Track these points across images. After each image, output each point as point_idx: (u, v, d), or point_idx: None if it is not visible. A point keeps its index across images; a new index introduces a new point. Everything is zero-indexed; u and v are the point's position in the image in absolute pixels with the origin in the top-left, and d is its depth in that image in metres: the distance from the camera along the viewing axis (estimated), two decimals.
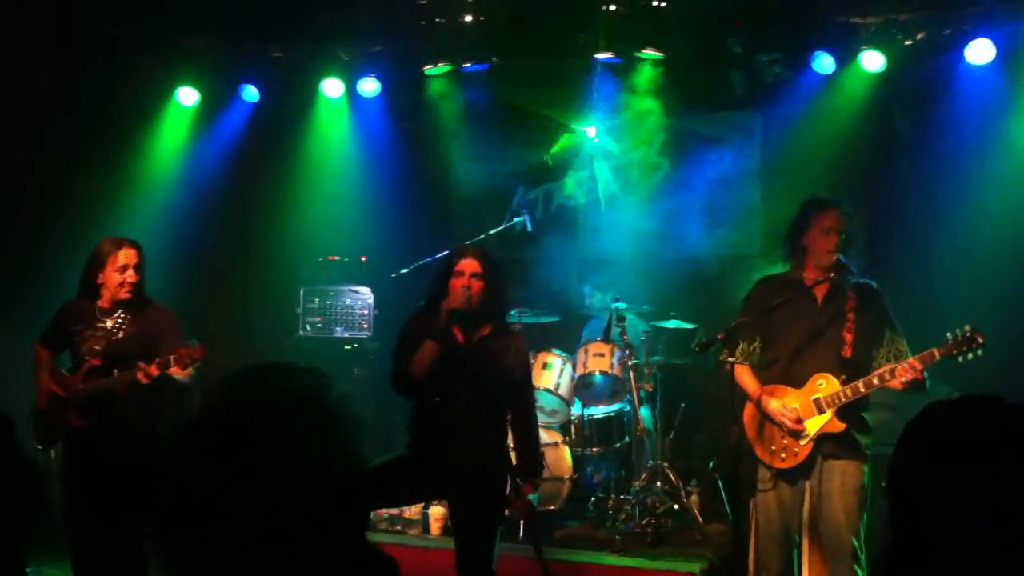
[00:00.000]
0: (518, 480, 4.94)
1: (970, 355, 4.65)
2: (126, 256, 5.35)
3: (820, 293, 5.07)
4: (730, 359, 5.09)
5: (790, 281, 5.13)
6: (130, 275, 5.33)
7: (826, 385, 4.90)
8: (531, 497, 4.97)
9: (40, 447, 5.49)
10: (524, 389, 5.13)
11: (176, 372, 5.18)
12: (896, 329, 5.00)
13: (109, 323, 5.37)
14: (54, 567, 6.13)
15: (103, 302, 5.40)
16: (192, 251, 8.38)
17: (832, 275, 5.01)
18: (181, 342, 5.32)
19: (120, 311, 5.38)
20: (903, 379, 4.74)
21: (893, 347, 4.94)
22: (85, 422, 5.33)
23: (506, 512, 5.10)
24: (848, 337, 4.93)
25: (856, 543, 4.91)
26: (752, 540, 5.93)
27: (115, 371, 5.29)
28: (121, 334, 5.35)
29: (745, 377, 5.13)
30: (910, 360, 4.76)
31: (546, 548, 5.06)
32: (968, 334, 4.63)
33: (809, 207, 5.12)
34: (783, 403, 4.96)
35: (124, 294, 5.35)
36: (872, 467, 5.05)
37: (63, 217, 8.33)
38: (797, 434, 4.93)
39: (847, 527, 4.88)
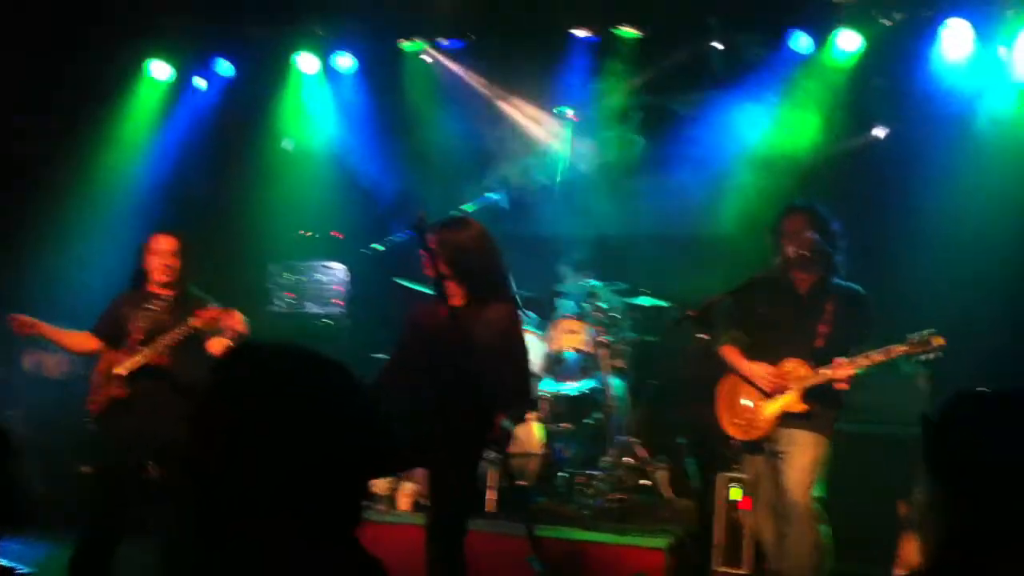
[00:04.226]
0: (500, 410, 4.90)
1: (926, 357, 4.94)
2: (163, 242, 5.82)
3: (803, 289, 5.43)
4: (718, 343, 5.52)
5: (776, 279, 5.45)
6: (167, 260, 5.78)
7: (794, 368, 5.25)
8: (504, 424, 4.91)
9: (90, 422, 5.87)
10: (502, 354, 4.89)
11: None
12: (868, 339, 5.20)
13: (155, 306, 5.75)
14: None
15: (151, 286, 5.83)
16: (166, 224, 8.29)
17: (818, 274, 5.37)
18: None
19: (166, 296, 5.78)
20: (844, 375, 5.08)
21: (862, 354, 5.14)
22: (126, 392, 5.67)
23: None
24: (823, 330, 5.27)
25: (811, 499, 5.18)
26: (719, 515, 6.06)
27: None
28: (166, 317, 5.69)
29: (731, 354, 5.51)
30: (856, 359, 5.07)
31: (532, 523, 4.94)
32: (926, 338, 4.91)
33: (781, 213, 5.52)
34: (761, 369, 5.35)
35: (163, 277, 5.79)
36: (844, 442, 5.42)
37: (37, 194, 8.29)
38: (763, 406, 5.31)
39: (800, 485, 5.17)
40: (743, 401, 5.46)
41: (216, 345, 5.67)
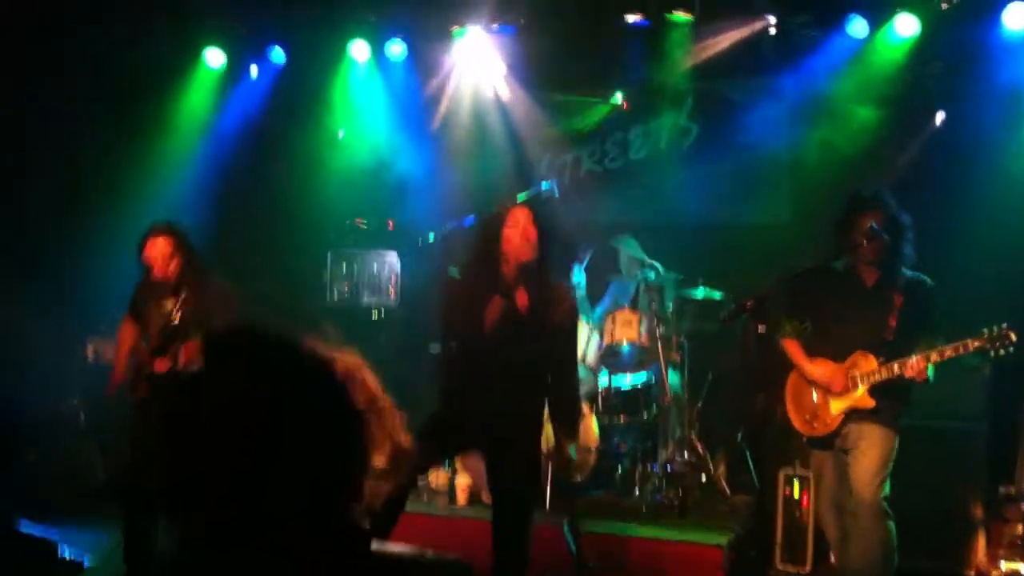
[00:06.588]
0: (559, 433, 4.91)
1: (1001, 351, 4.83)
2: (151, 246, 5.55)
3: (870, 280, 5.27)
4: (780, 335, 5.36)
5: (841, 271, 5.33)
6: (162, 266, 5.52)
7: (864, 363, 5.13)
8: (570, 449, 4.99)
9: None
10: (569, 343, 5.03)
11: None
12: (937, 330, 5.10)
13: (169, 304, 5.54)
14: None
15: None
16: (220, 215, 8.36)
17: (885, 266, 5.21)
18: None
19: (179, 291, 5.54)
20: (917, 370, 4.95)
21: (929, 347, 5.03)
22: (168, 366, 5.50)
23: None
24: (892, 323, 5.14)
25: (880, 496, 5.10)
26: (779, 512, 6.03)
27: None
28: (178, 322, 5.48)
29: (794, 350, 5.36)
30: (928, 353, 4.94)
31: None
32: (1004, 331, 4.81)
33: (851, 207, 5.28)
34: (824, 370, 5.22)
35: (166, 281, 5.56)
36: (902, 438, 5.24)
37: (94, 183, 8.37)
38: (831, 401, 5.20)
39: (870, 482, 5.08)
40: (810, 396, 5.34)
41: None
